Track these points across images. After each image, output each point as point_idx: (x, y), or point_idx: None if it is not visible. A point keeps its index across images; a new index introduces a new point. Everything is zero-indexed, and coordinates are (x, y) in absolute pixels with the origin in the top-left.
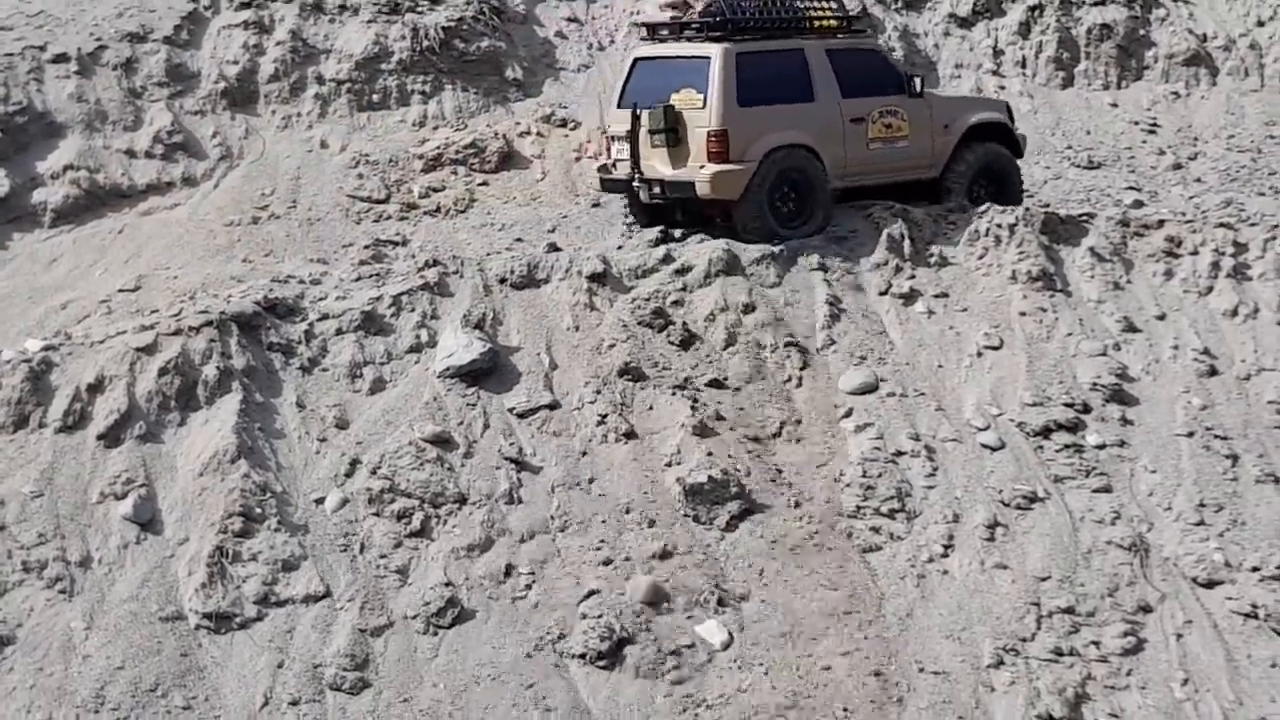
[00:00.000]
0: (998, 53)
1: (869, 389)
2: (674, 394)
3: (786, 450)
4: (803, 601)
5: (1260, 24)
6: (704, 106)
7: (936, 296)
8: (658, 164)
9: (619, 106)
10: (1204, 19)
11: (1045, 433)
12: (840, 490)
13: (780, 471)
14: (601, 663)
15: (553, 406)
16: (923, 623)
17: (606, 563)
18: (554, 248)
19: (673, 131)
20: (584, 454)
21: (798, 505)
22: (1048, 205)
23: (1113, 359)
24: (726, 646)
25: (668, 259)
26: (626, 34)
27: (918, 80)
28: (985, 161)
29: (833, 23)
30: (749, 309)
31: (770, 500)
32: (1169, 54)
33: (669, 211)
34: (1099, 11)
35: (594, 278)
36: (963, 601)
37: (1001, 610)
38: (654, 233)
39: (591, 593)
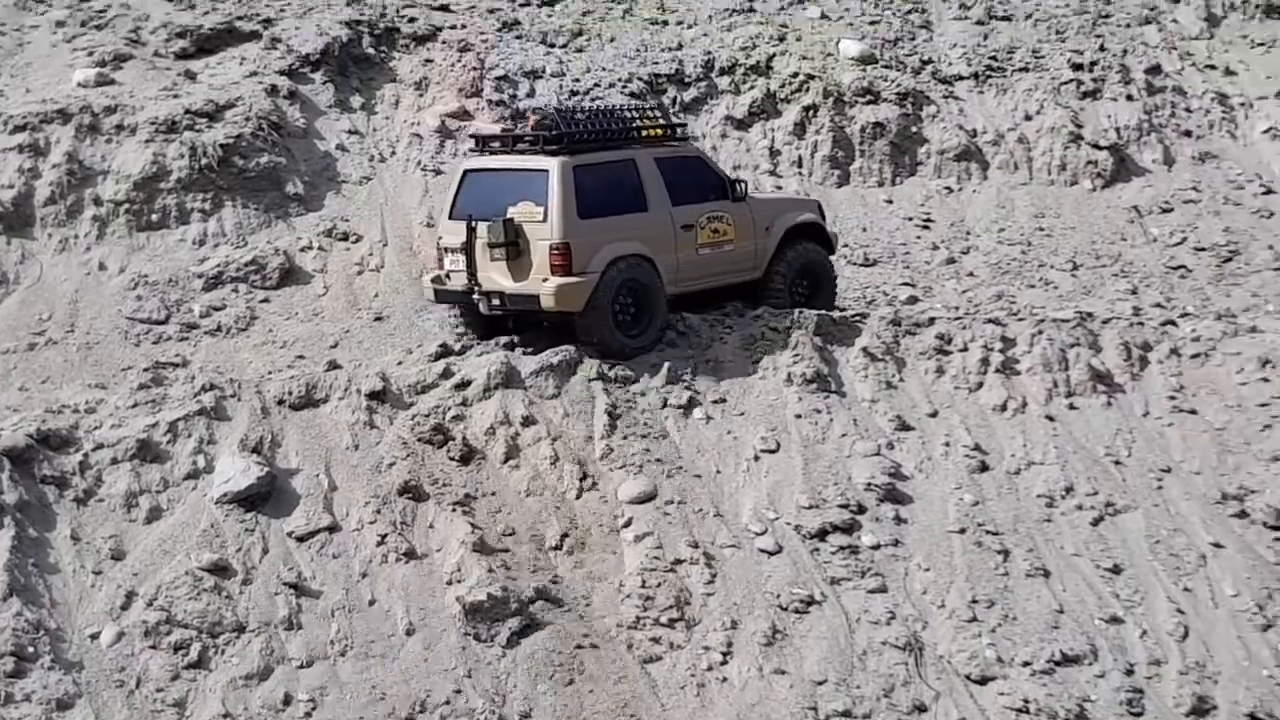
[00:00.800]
0: (774, 153)
1: (648, 498)
2: (454, 511)
3: (567, 563)
4: (586, 716)
5: (1028, 118)
6: (544, 220)
7: (715, 402)
8: (497, 276)
9: (451, 218)
10: (974, 114)
11: (821, 535)
12: (620, 601)
13: (561, 585)
14: None
15: (332, 529)
16: None
17: (387, 687)
18: (334, 365)
19: (513, 245)
20: (364, 575)
21: (579, 619)
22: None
23: (886, 458)
24: None
25: (447, 373)
26: (408, 145)
27: (741, 185)
28: (804, 261)
29: (658, 132)
30: (528, 421)
31: (551, 615)
32: (941, 150)
33: (504, 321)
34: (872, 110)
35: (373, 395)
36: (742, 710)
37: (780, 716)
38: (434, 347)
39: None
